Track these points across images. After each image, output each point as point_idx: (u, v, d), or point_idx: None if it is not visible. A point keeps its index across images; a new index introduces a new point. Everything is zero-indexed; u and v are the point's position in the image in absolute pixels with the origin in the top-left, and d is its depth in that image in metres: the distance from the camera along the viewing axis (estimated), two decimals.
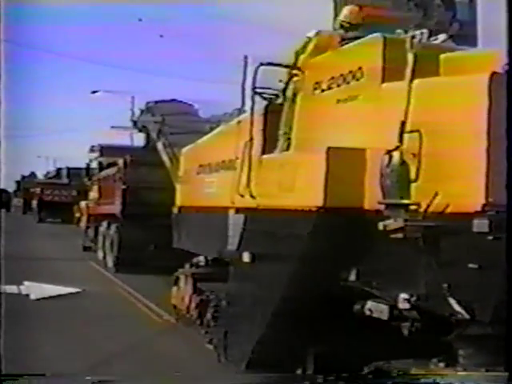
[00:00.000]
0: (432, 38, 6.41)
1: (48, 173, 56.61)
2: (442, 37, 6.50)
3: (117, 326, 10.11)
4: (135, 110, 21.28)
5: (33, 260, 17.35)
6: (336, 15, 14.58)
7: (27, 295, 11.68)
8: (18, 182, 59.90)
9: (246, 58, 6.40)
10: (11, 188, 59.41)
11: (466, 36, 16.81)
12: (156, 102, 15.88)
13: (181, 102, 15.94)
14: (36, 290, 12.02)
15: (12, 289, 11.67)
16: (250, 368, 6.54)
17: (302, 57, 6.65)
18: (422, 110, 4.80)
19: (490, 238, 4.19)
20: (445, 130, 4.62)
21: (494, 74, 4.41)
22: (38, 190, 43.71)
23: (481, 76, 4.45)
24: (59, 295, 11.84)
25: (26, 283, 12.38)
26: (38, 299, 11.46)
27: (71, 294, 12.07)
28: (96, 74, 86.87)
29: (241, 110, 8.46)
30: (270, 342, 6.10)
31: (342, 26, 7.00)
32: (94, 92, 41.92)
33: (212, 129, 10.09)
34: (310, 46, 6.54)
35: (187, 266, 9.78)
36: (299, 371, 6.12)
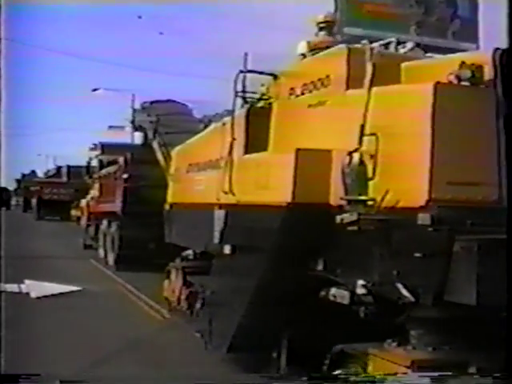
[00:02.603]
0: (400, 47, 6.98)
1: (48, 171, 57.02)
2: (409, 45, 7.03)
3: (117, 324, 10.46)
4: (136, 107, 21.52)
5: (32, 258, 17.74)
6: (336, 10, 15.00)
7: (28, 293, 12.23)
8: (18, 181, 60.38)
9: (246, 54, 6.78)
10: (12, 186, 59.94)
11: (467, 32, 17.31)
12: (151, 103, 16.36)
13: (176, 102, 16.42)
14: (36, 288, 12.49)
15: (13, 287, 12.09)
16: (231, 352, 7.11)
17: None
18: (379, 115, 5.30)
19: (432, 230, 4.73)
20: (397, 134, 5.13)
21: (437, 83, 4.93)
22: (37, 188, 44.27)
23: (426, 85, 4.97)
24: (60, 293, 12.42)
25: (26, 282, 12.80)
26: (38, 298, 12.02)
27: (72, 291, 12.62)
28: (96, 72, 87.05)
29: (229, 111, 8.95)
30: (248, 327, 6.61)
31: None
32: (94, 90, 42.59)
33: (205, 128, 10.58)
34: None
35: (177, 259, 10.36)
36: (275, 354, 6.69)
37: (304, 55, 7.33)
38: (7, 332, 6.71)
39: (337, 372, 5.56)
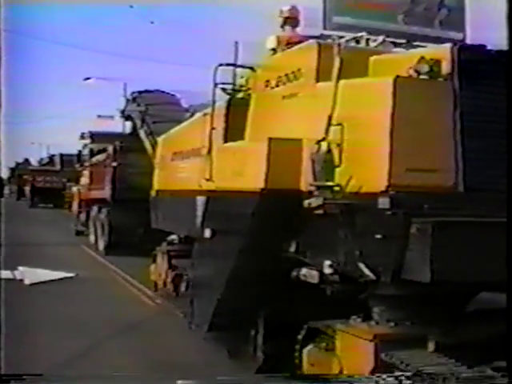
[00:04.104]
0: (371, 40, 7.35)
1: (41, 159, 57.17)
2: (380, 39, 7.41)
3: (105, 306, 10.81)
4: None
5: (25, 245, 18.02)
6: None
7: (21, 280, 12.52)
8: (11, 169, 60.48)
9: (236, 43, 6.99)
10: (5, 175, 59.98)
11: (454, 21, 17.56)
12: (140, 93, 16.69)
13: (163, 92, 16.75)
14: (30, 274, 12.77)
15: (6, 274, 12.36)
16: (212, 330, 7.49)
17: None
18: (345, 106, 5.66)
19: (391, 213, 5.11)
20: (361, 124, 5.50)
21: (397, 77, 5.30)
22: (30, 176, 44.50)
23: (387, 79, 5.34)
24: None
25: (20, 268, 13.08)
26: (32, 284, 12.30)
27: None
28: (88, 61, 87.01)
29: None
30: (227, 307, 6.96)
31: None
32: (86, 79, 42.66)
33: (191, 118, 10.91)
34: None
35: (163, 244, 10.76)
36: (252, 332, 7.07)
37: (274, 50, 7.61)
38: None
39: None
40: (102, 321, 9.56)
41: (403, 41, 14.13)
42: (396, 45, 7.89)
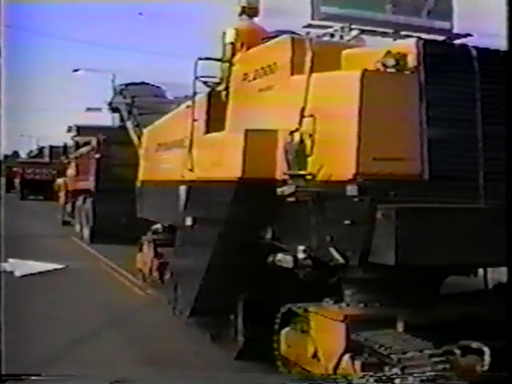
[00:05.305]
0: (345, 33, 7.62)
1: (31, 151, 57.13)
2: (354, 33, 7.68)
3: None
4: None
5: (15, 235, 18.25)
6: None
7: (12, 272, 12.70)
8: (0, 162, 60.22)
9: (224, 34, 7.07)
10: None
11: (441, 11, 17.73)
12: (126, 85, 16.88)
13: (149, 84, 16.94)
14: (20, 266, 12.93)
15: None
16: (194, 315, 7.76)
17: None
18: (316, 98, 5.92)
19: (358, 200, 5.39)
20: (331, 115, 5.76)
21: (365, 70, 5.57)
22: (19, 169, 44.52)
23: (355, 72, 5.60)
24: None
25: (10, 260, 13.24)
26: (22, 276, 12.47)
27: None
28: (77, 52, 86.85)
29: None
30: (207, 292, 7.24)
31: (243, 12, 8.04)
32: (75, 70, 42.72)
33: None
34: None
35: (149, 233, 11.03)
36: (232, 316, 7.35)
37: (233, 43, 7.72)
38: None
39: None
40: (94, 311, 9.75)
41: (391, 31, 14.39)
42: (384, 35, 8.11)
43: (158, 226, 10.67)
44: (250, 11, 8.04)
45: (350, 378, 5.43)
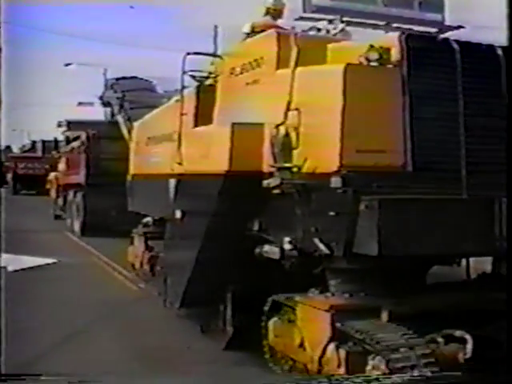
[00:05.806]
0: (331, 27, 7.71)
1: (23, 146, 57.08)
2: (340, 26, 7.77)
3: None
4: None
5: (8, 230, 18.35)
6: None
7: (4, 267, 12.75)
8: None
9: (216, 27, 7.11)
10: None
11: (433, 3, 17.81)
12: (117, 79, 17.03)
13: (140, 78, 17.05)
14: (13, 261, 12.98)
15: None
16: (183, 307, 7.86)
17: None
18: (301, 92, 6.01)
19: (342, 191, 5.49)
20: (316, 109, 5.86)
21: (348, 64, 5.67)
22: (12, 163, 44.48)
23: (339, 66, 5.70)
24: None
25: (3, 255, 13.28)
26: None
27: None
28: (69, 47, 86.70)
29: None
30: (197, 284, 7.33)
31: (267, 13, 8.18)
32: (67, 64, 42.76)
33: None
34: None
35: (140, 226, 11.12)
36: (221, 307, 7.45)
37: (248, 34, 7.95)
38: None
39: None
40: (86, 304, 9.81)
41: (382, 23, 14.45)
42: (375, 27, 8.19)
43: (149, 219, 10.76)
44: (274, 13, 8.13)
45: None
